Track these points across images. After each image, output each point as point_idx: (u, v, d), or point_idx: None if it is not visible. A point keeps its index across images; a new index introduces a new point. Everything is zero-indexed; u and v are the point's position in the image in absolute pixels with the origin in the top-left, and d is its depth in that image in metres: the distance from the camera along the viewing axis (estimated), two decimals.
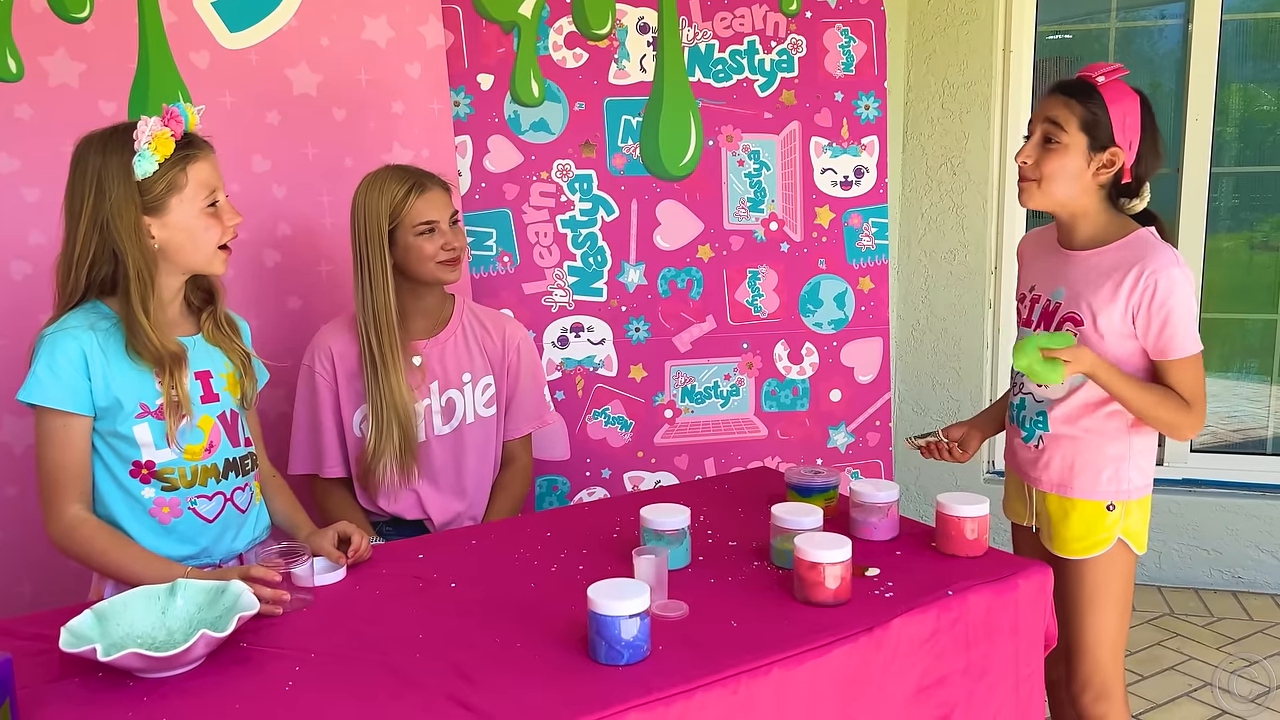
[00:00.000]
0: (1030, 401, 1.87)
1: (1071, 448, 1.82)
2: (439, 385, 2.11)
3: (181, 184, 1.57)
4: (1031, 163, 1.77)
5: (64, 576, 2.09)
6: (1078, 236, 1.81)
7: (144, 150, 1.53)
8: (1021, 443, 1.90)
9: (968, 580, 1.53)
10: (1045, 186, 1.77)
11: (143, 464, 1.59)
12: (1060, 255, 1.84)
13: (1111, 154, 1.73)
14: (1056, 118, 1.74)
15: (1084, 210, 1.79)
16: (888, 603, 1.46)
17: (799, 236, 2.91)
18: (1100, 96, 1.73)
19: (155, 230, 1.57)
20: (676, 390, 2.88)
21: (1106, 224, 1.79)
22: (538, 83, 2.73)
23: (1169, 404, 1.73)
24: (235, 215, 1.65)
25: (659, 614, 1.40)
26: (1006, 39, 3.42)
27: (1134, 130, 1.74)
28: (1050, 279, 1.85)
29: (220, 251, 1.63)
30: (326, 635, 1.40)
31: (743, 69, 2.84)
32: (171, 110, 1.57)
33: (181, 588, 1.40)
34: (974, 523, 1.61)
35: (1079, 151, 1.74)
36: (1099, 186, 1.77)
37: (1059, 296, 1.81)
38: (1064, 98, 1.76)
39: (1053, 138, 1.75)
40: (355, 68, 2.46)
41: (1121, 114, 1.73)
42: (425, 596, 1.54)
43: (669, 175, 2.83)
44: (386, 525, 2.13)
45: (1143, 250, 1.73)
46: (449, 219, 2.06)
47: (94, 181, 1.54)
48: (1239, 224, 3.59)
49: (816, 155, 2.90)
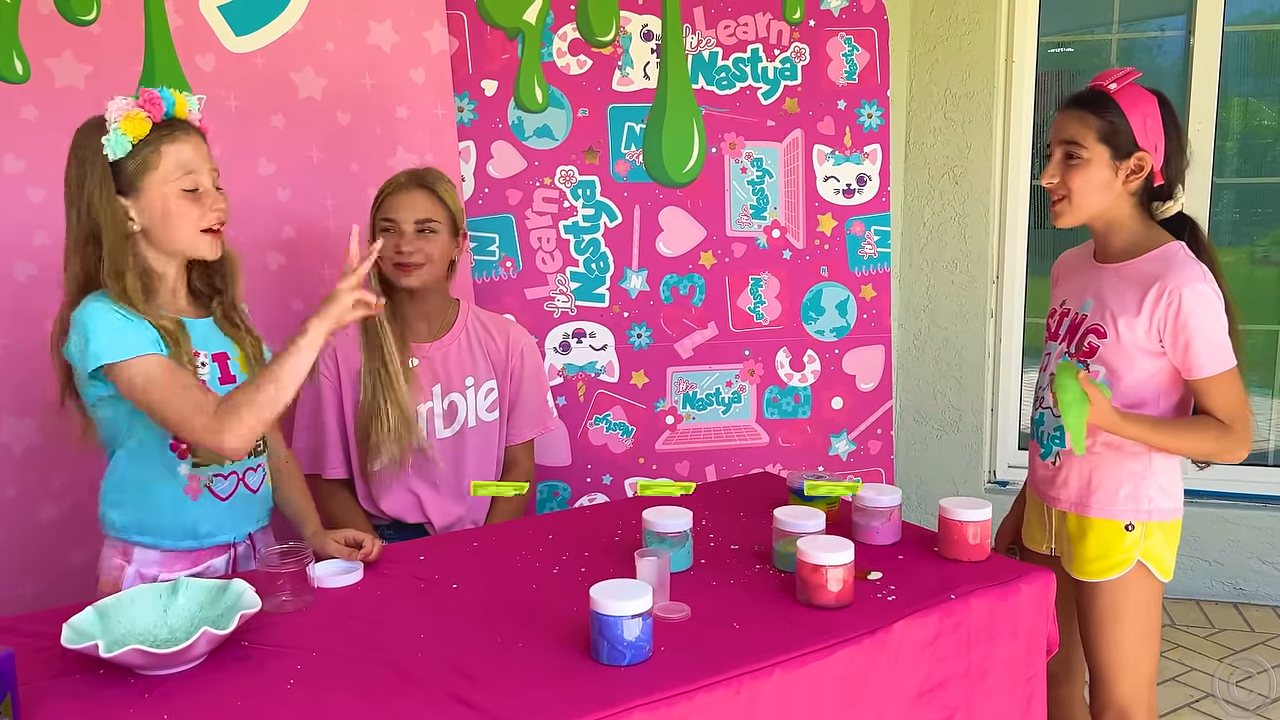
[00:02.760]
0: (1049, 416, 1.83)
1: (1088, 464, 1.77)
2: (441, 388, 2.11)
3: (154, 163, 1.55)
4: (1057, 181, 1.75)
5: (67, 575, 2.10)
6: (1112, 248, 1.78)
7: (114, 130, 1.53)
8: (1040, 460, 1.87)
9: (970, 584, 1.52)
10: (1075, 202, 1.73)
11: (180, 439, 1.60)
12: (1093, 269, 1.81)
13: (1138, 159, 1.70)
14: (1073, 135, 1.72)
15: (1119, 220, 1.76)
16: (890, 606, 1.46)
17: (801, 244, 2.91)
18: (1115, 104, 1.70)
19: (134, 212, 1.57)
20: (678, 397, 2.88)
21: (1141, 234, 1.76)
22: (541, 89, 2.74)
23: (1205, 433, 1.68)
24: (220, 200, 1.61)
25: (661, 615, 1.40)
26: (1009, 49, 3.43)
27: (1157, 132, 1.71)
28: (1081, 292, 1.82)
29: (205, 235, 1.60)
30: (328, 634, 1.40)
31: (746, 77, 2.85)
32: (149, 92, 1.56)
33: (183, 586, 1.40)
34: (976, 528, 1.61)
35: (1102, 163, 1.71)
36: (1130, 194, 1.74)
37: (1086, 309, 1.78)
38: (1077, 111, 1.73)
39: (1073, 154, 1.72)
40: (360, 72, 2.47)
41: (1141, 117, 1.70)
42: (427, 597, 1.54)
43: (672, 182, 2.83)
44: (387, 529, 2.12)
45: (1168, 265, 1.69)
46: (414, 223, 2.02)
47: (78, 165, 1.57)
48: (1239, 238, 3.60)
49: (819, 163, 2.90)
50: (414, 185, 2.05)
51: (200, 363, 1.62)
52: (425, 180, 2.07)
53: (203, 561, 1.68)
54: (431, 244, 2.04)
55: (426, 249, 2.03)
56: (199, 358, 1.62)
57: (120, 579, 1.65)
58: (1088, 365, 1.75)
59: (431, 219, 2.05)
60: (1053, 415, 1.80)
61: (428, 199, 2.05)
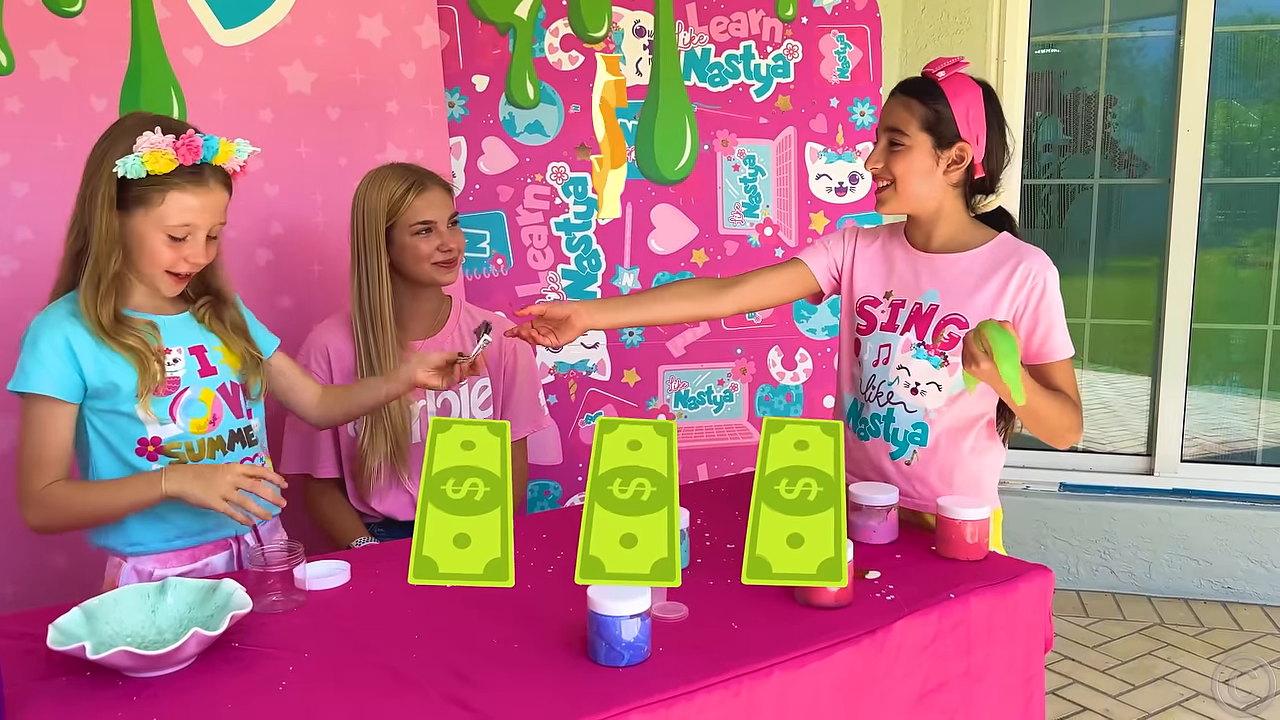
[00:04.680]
0: (902, 413, 1.76)
1: (949, 460, 1.75)
2: None
3: (154, 203, 1.55)
4: (881, 167, 1.73)
5: (49, 577, 2.06)
6: (936, 238, 1.76)
7: (136, 155, 1.52)
8: (890, 460, 1.80)
9: (969, 584, 1.51)
10: (901, 189, 1.72)
11: (149, 440, 1.59)
12: (921, 258, 1.77)
13: (959, 149, 1.69)
14: (897, 121, 1.70)
15: (943, 211, 1.74)
16: (889, 605, 1.44)
17: (794, 242, 2.90)
18: (942, 92, 1.68)
19: (117, 223, 1.56)
20: (670, 395, 2.86)
21: (964, 226, 1.76)
22: (533, 85, 2.72)
23: (1065, 407, 1.67)
24: (200, 256, 1.60)
25: (659, 615, 1.38)
26: (1000, 48, 3.43)
27: (979, 123, 1.69)
28: (914, 283, 1.77)
29: (166, 275, 1.60)
30: (320, 635, 1.38)
31: (739, 74, 2.84)
32: (191, 138, 1.53)
33: (172, 586, 1.37)
34: (974, 526, 1.60)
35: (925, 151, 1.69)
36: (952, 185, 1.73)
37: (933, 299, 1.75)
38: (904, 98, 1.71)
39: (897, 141, 1.70)
40: (350, 67, 2.45)
41: (965, 108, 1.68)
42: (420, 597, 1.51)
43: (664, 179, 2.82)
44: (379, 527, 2.10)
45: (1018, 250, 1.70)
46: (447, 220, 2.04)
47: (95, 162, 1.56)
48: (1224, 239, 3.62)
49: (812, 161, 2.89)
50: (436, 183, 2.05)
51: (173, 359, 1.61)
52: (438, 177, 2.07)
53: (200, 558, 1.67)
54: (460, 238, 2.06)
55: (459, 242, 2.05)
56: (171, 354, 1.61)
57: (116, 577, 1.64)
58: (946, 358, 1.72)
59: (456, 213, 2.07)
60: (905, 411, 1.74)
61: (447, 194, 2.06)
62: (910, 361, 1.76)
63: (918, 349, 1.75)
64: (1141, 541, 3.47)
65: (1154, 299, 3.57)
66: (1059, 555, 3.53)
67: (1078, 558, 3.54)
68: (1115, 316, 3.74)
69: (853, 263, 1.86)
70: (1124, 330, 3.74)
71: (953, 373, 1.72)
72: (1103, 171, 3.65)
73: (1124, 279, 3.77)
